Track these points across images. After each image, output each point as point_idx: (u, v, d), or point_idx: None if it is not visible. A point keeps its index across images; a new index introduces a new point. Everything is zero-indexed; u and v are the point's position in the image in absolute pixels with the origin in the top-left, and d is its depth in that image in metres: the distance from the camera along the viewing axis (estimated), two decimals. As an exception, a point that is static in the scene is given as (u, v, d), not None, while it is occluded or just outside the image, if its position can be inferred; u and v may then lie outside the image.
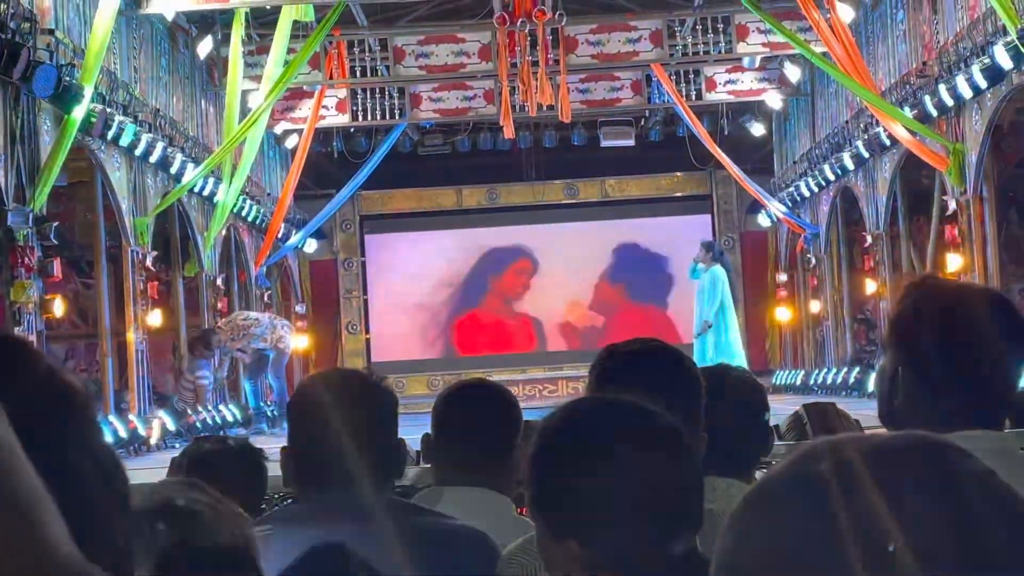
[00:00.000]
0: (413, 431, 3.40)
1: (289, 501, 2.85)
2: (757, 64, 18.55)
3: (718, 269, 15.14)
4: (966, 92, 12.44)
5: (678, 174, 22.65)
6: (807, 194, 19.16)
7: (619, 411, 1.74)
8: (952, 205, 13.49)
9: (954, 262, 13.30)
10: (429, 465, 2.97)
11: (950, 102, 12.92)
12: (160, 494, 1.57)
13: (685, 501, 1.65)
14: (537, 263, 22.80)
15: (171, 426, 13.30)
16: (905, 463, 0.77)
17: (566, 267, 22.58)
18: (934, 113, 13.36)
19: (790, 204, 19.83)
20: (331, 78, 17.34)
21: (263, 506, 3.30)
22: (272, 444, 4.59)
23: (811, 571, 0.74)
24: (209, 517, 1.51)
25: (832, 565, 0.73)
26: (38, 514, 0.73)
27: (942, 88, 12.91)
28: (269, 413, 15.76)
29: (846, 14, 14.91)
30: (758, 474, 2.74)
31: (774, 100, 19.57)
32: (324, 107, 18.26)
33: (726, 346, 14.68)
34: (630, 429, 1.69)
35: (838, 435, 0.82)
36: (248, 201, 17.71)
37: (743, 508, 0.80)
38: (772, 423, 3.16)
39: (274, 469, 3.76)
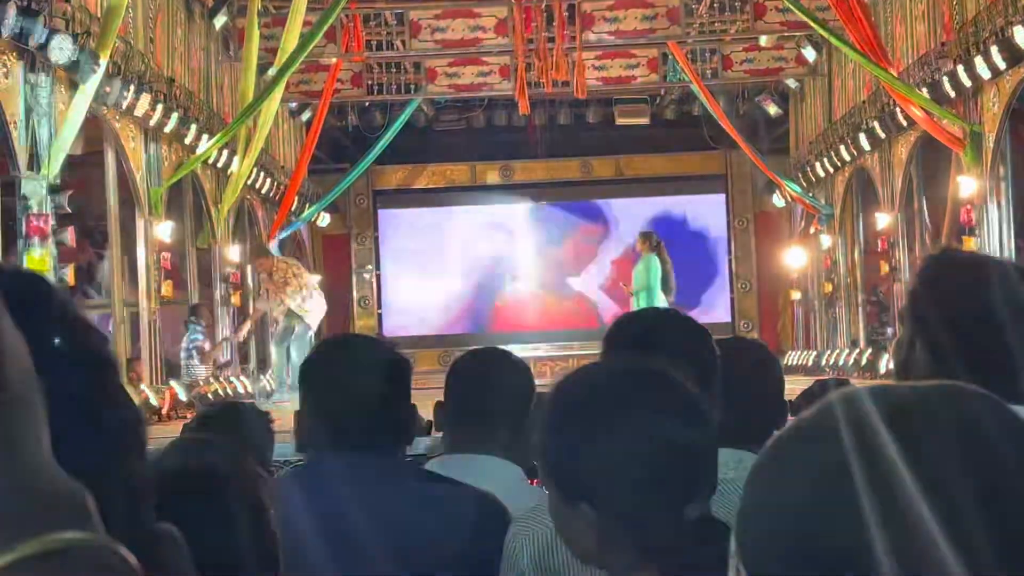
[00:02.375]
0: (424, 406, 3.40)
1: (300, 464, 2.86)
2: (774, 43, 18.46)
3: (652, 258, 15.23)
4: (984, 73, 12.37)
5: (693, 153, 22.58)
6: (822, 174, 19.09)
7: (633, 374, 1.73)
8: (968, 187, 13.43)
9: (969, 245, 13.24)
10: (441, 434, 2.96)
11: (968, 83, 12.85)
12: (178, 449, 1.56)
13: (699, 466, 1.64)
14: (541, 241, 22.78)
15: (183, 397, 13.33)
16: (936, 410, 0.75)
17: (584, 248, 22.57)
18: (952, 94, 13.28)
19: (805, 184, 19.76)
20: (347, 51, 17.30)
21: (271, 470, 3.31)
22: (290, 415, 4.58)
23: (831, 519, 0.73)
24: (226, 469, 1.51)
25: (850, 512, 0.72)
26: (14, 423, 0.66)
27: (960, 69, 12.84)
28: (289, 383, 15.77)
29: (865, -7, 14.81)
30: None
31: (791, 79, 19.48)
32: (339, 81, 18.22)
33: None
34: (644, 392, 1.67)
35: (872, 383, 0.80)
36: (262, 174, 17.71)
37: (767, 454, 0.79)
38: (785, 398, 3.15)
39: (283, 437, 3.76)
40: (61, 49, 10.32)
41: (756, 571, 0.77)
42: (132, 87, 12.54)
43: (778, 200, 21.20)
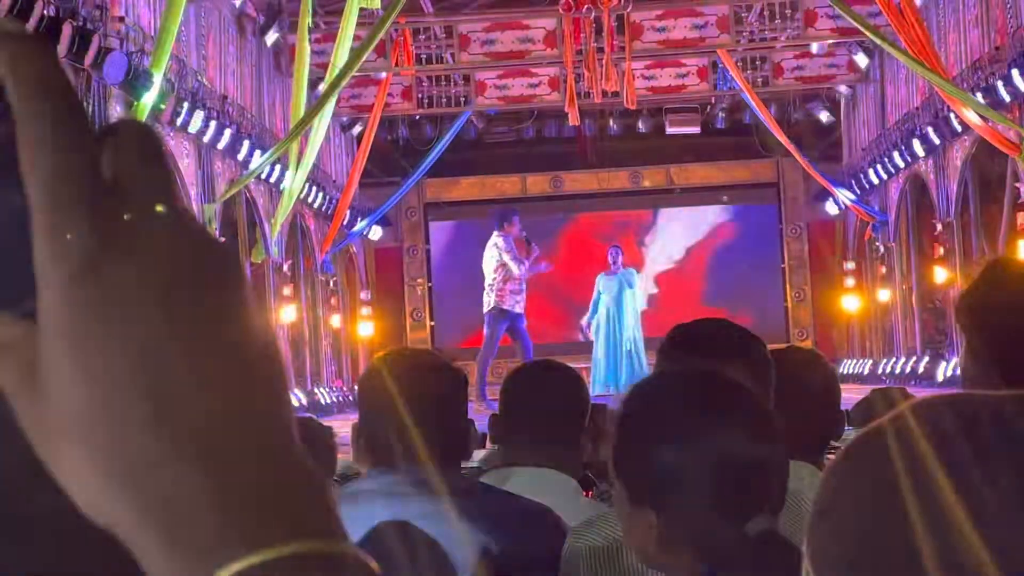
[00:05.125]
0: (479, 416, 3.41)
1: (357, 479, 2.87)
2: (826, 50, 18.36)
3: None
4: (1040, 77, 12.25)
5: (744, 162, 22.48)
6: (876, 181, 18.94)
7: (708, 384, 1.72)
8: (1025, 192, 13.29)
9: (1026, 250, 13.10)
10: (497, 446, 2.96)
11: (1023, 87, 12.71)
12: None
13: (766, 481, 1.63)
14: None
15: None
16: (1008, 420, 0.74)
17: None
18: (1007, 98, 13.15)
19: (858, 191, 19.61)
20: (397, 65, 17.39)
21: (334, 484, 3.32)
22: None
23: (903, 526, 0.72)
24: None
25: (914, 523, 0.71)
26: (271, 391, 0.53)
27: (1015, 73, 12.71)
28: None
29: (917, -2, 14.70)
30: (827, 459, 2.71)
31: (842, 86, 19.35)
32: (389, 95, 18.31)
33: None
34: (717, 403, 1.66)
35: (959, 392, 0.79)
36: (314, 188, 17.82)
37: (846, 453, 0.79)
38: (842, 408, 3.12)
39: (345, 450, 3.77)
40: (115, 67, 10.45)
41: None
42: (186, 104, 12.67)
43: (831, 208, 21.06)
